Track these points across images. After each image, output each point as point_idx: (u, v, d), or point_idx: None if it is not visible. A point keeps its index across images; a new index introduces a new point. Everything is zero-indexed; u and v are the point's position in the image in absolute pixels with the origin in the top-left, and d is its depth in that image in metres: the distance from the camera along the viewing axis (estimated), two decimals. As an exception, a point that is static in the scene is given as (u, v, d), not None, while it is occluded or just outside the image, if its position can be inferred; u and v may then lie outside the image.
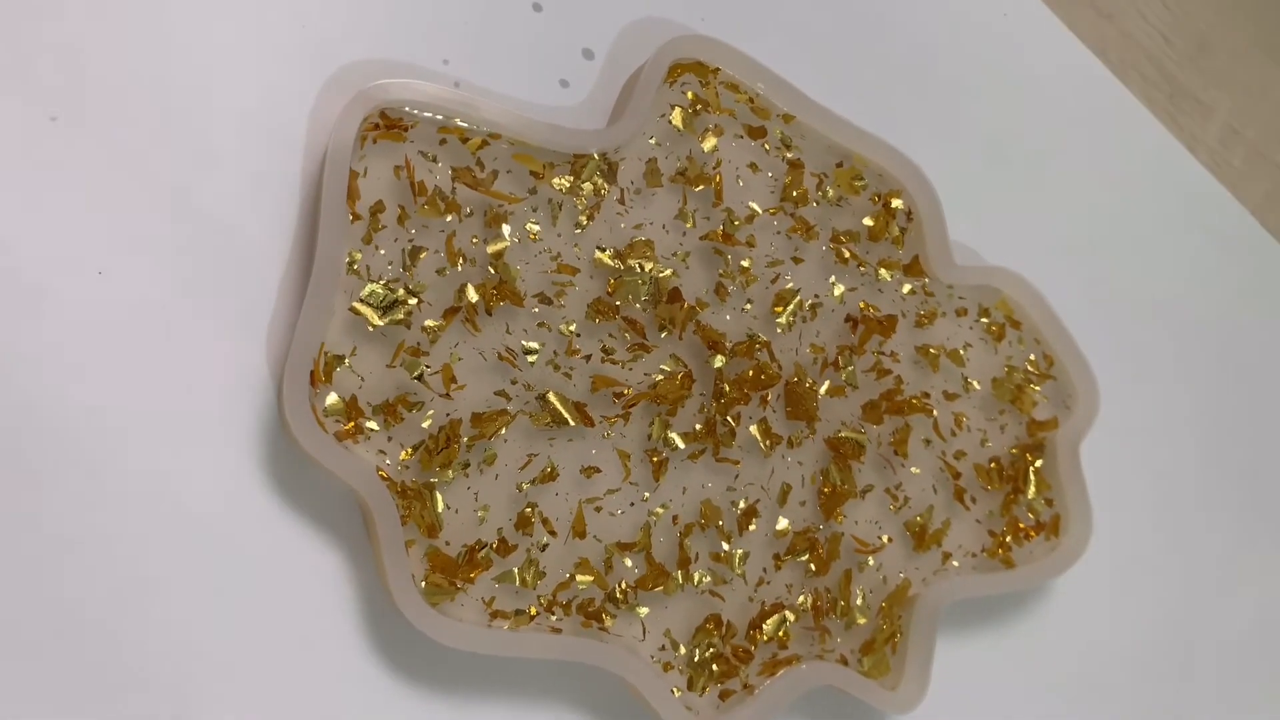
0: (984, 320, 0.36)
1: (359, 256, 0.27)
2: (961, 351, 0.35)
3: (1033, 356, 0.36)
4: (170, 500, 0.26)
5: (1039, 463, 0.36)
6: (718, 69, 0.32)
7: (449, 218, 0.28)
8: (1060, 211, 0.39)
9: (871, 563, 0.33)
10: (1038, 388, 0.36)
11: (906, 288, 0.34)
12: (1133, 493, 0.39)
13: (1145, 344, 0.40)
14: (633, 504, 0.30)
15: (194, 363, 0.27)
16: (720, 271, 0.32)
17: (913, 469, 0.34)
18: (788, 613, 0.31)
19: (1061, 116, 0.40)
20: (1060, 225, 0.39)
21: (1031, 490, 0.35)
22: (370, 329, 0.27)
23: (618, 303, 0.30)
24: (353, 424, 0.27)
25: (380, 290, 0.27)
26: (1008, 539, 0.35)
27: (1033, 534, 0.35)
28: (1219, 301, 0.42)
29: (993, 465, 0.35)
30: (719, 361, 0.31)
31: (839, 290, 0.33)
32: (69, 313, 0.26)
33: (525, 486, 0.29)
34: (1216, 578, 0.40)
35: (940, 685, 0.33)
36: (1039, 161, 0.39)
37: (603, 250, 0.30)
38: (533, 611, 0.28)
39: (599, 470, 0.30)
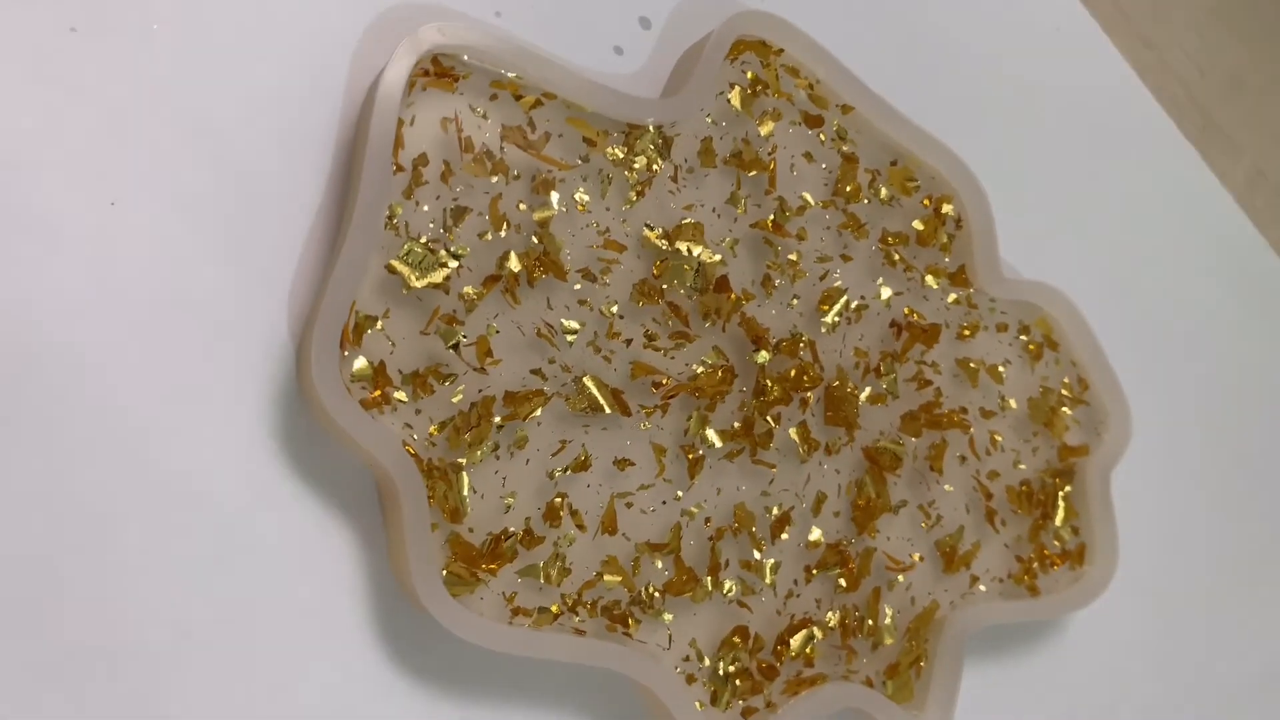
0: (1023, 338, 0.35)
1: (399, 211, 0.26)
2: (1001, 368, 0.34)
3: (1067, 379, 0.36)
4: (178, 468, 0.24)
5: (1068, 489, 0.35)
6: (781, 50, 0.31)
7: (495, 179, 0.27)
8: (1098, 233, 0.39)
9: (901, 581, 0.32)
10: (1070, 411, 0.35)
11: (951, 297, 0.33)
12: (1160, 524, 0.38)
13: (1176, 374, 0.40)
14: (665, 502, 0.29)
15: (206, 313, 0.25)
16: (768, 263, 0.30)
17: (946, 486, 0.33)
18: (815, 629, 0.30)
19: (1105, 139, 0.40)
20: (1096, 246, 0.39)
21: (1059, 517, 0.35)
22: (405, 291, 0.26)
23: (663, 286, 0.29)
24: (379, 392, 0.25)
25: (420, 249, 0.26)
26: (1034, 565, 0.34)
27: (1058, 562, 0.35)
28: (1252, 336, 0.41)
29: (1023, 488, 0.34)
30: (762, 357, 0.30)
31: (886, 294, 0.32)
32: (76, 248, 0.24)
33: (556, 474, 0.27)
34: (1240, 617, 0.39)
35: (961, 712, 0.32)
36: (1080, 180, 0.39)
37: (651, 229, 0.29)
38: (555, 610, 0.27)
39: (632, 463, 0.28)
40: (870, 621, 0.31)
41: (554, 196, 0.27)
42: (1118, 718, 0.37)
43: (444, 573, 0.25)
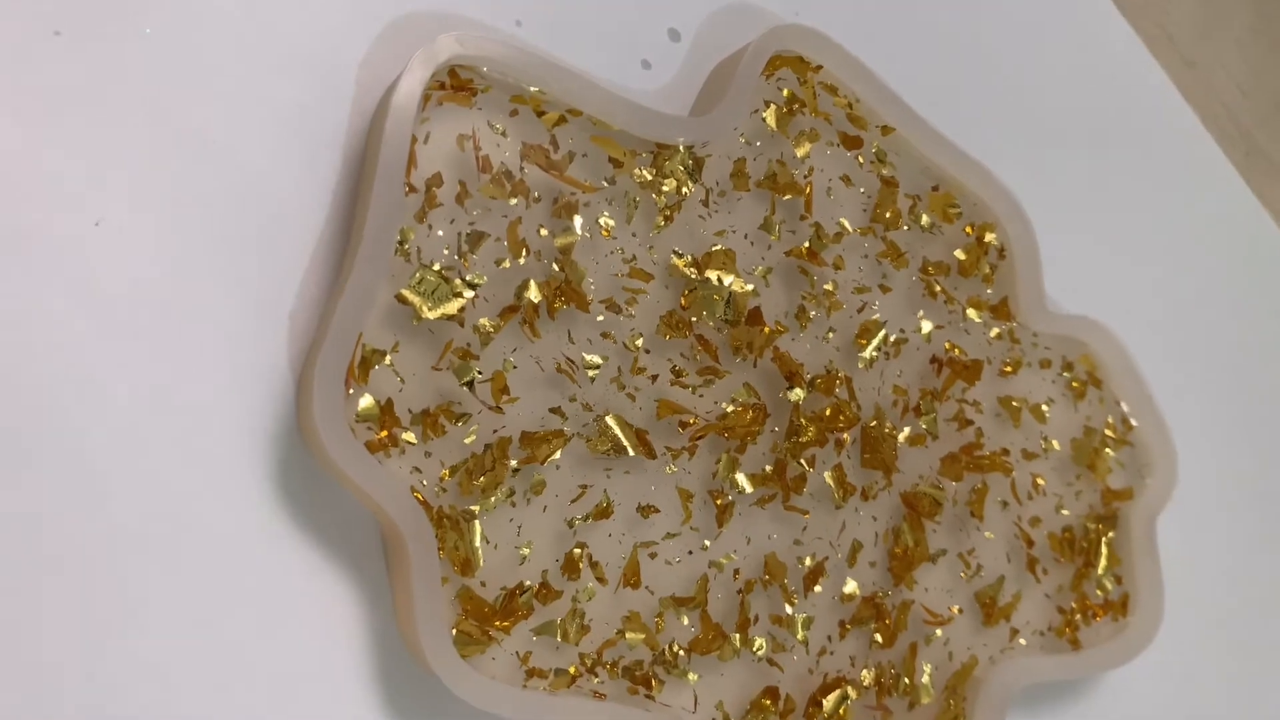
0: (1066, 375, 0.34)
1: (411, 236, 0.24)
2: (1044, 407, 0.33)
3: (1111, 419, 0.34)
4: (162, 512, 0.22)
5: (1111, 534, 0.34)
6: (819, 66, 0.29)
7: (514, 201, 0.25)
8: (1143, 263, 0.38)
9: (939, 635, 0.30)
10: (1114, 453, 0.34)
11: (994, 331, 0.32)
12: (1208, 573, 0.37)
13: (1224, 414, 0.38)
14: (691, 552, 0.27)
15: (199, 343, 0.23)
16: (803, 293, 0.29)
17: (987, 533, 0.32)
18: (849, 688, 0.29)
19: (1151, 164, 0.38)
20: (1140, 277, 0.38)
21: (1102, 564, 0.34)
22: (416, 323, 0.24)
23: (692, 318, 0.27)
24: (386, 433, 0.24)
25: (433, 278, 0.24)
26: (1076, 617, 0.33)
27: (1100, 613, 0.33)
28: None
29: (1066, 534, 0.33)
30: (796, 395, 0.28)
31: (926, 327, 0.31)
32: (58, 269, 0.22)
33: (576, 522, 0.26)
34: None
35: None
36: (1123, 207, 0.37)
37: (680, 257, 0.27)
38: (574, 671, 0.25)
39: (657, 510, 0.27)
40: (907, 679, 0.30)
41: (577, 221, 0.26)
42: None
43: (454, 632, 0.24)
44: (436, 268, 0.24)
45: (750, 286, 0.28)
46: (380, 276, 0.23)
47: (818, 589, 0.29)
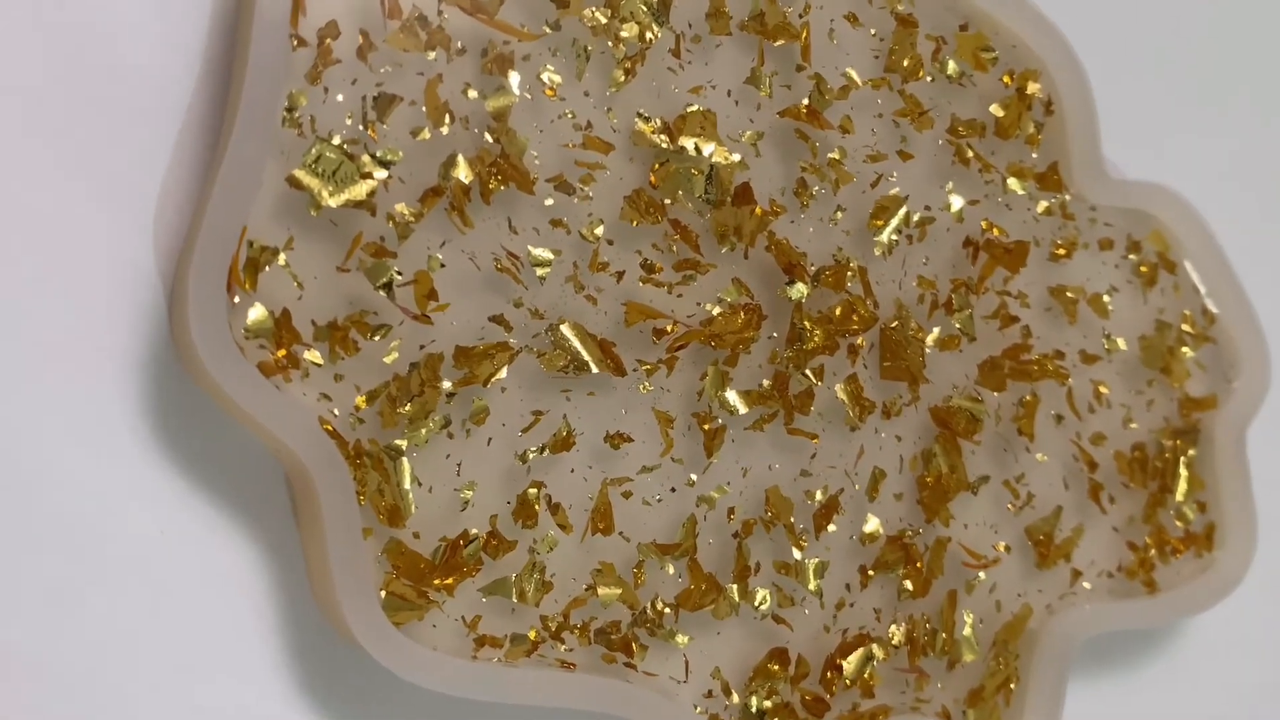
0: (1133, 257, 0.34)
1: (302, 102, 0.24)
2: (1106, 298, 0.33)
3: (1189, 310, 0.35)
4: (8, 461, 0.23)
5: (1192, 452, 0.34)
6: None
7: (432, 55, 0.25)
8: (1225, 120, 0.38)
9: (983, 579, 0.31)
10: (1193, 352, 0.35)
11: (1041, 206, 0.32)
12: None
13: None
14: (674, 489, 0.28)
15: (47, 247, 0.23)
16: (803, 164, 0.29)
17: (1039, 455, 0.32)
18: (875, 647, 0.30)
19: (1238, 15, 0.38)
20: (1223, 137, 0.38)
21: (1182, 489, 0.34)
22: (314, 212, 0.24)
23: (665, 199, 0.27)
24: (284, 352, 0.24)
25: (333, 154, 0.24)
26: (1151, 553, 0.34)
27: (1181, 548, 0.34)
28: None
29: (1136, 454, 0.34)
30: (798, 292, 0.29)
31: (957, 203, 0.31)
32: None
33: (530, 457, 0.26)
34: None
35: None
36: (1202, 51, 0.37)
37: (646, 121, 0.27)
38: (534, 637, 0.26)
39: (630, 439, 0.27)
40: (945, 635, 0.30)
41: (513, 78, 0.26)
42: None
43: (382, 594, 0.24)
44: (337, 141, 0.24)
45: (737, 157, 0.28)
46: (265, 154, 0.23)
47: (831, 529, 0.29)
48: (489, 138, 0.26)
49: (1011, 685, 0.31)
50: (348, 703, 0.26)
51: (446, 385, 0.25)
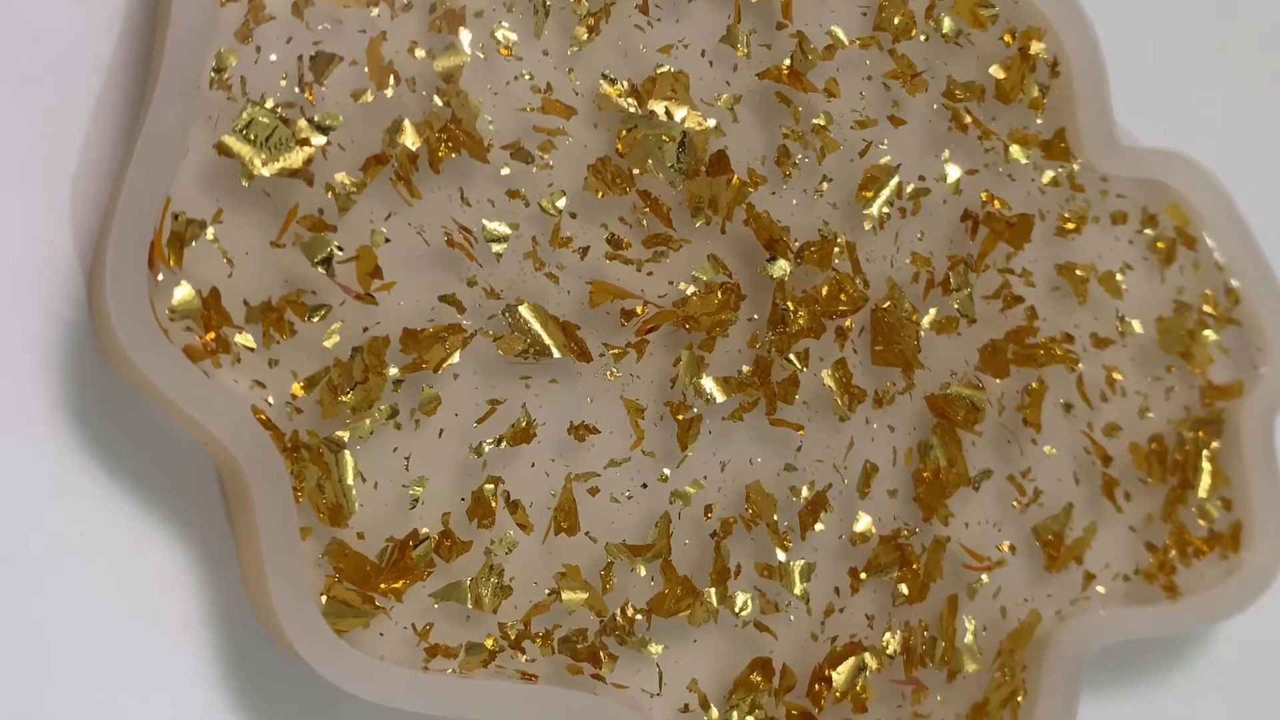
0: (1148, 232, 0.34)
1: (232, 62, 0.24)
2: (1119, 276, 0.33)
3: (1210, 290, 0.35)
4: None
5: (1215, 445, 0.35)
6: None
7: (375, 10, 0.26)
8: (1248, 85, 0.38)
9: (986, 582, 0.31)
10: (1216, 335, 0.35)
11: (1047, 176, 0.33)
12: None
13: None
14: (645, 485, 0.28)
15: None
16: (785, 130, 0.29)
17: (1046, 448, 0.32)
18: (868, 656, 0.30)
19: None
20: (1245, 102, 0.38)
21: (1205, 485, 0.34)
22: (246, 182, 0.24)
23: (633, 169, 0.28)
24: (214, 335, 0.24)
25: (266, 119, 0.24)
26: (1171, 555, 0.34)
27: (1204, 549, 0.34)
28: None
29: (1154, 446, 0.34)
30: (780, 269, 0.29)
31: (954, 173, 0.31)
32: None
33: (485, 449, 0.26)
34: None
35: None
36: (1230, 19, 0.38)
37: (612, 83, 0.28)
38: (491, 646, 0.26)
39: (596, 430, 0.28)
40: (944, 643, 0.31)
41: (465, 36, 0.26)
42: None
43: (323, 599, 0.25)
44: (270, 105, 0.24)
45: (712, 123, 0.28)
46: (191, 119, 0.24)
47: (819, 528, 0.29)
48: (438, 101, 0.26)
49: (1018, 699, 0.31)
50: (289, 718, 0.26)
51: (393, 371, 0.25)
